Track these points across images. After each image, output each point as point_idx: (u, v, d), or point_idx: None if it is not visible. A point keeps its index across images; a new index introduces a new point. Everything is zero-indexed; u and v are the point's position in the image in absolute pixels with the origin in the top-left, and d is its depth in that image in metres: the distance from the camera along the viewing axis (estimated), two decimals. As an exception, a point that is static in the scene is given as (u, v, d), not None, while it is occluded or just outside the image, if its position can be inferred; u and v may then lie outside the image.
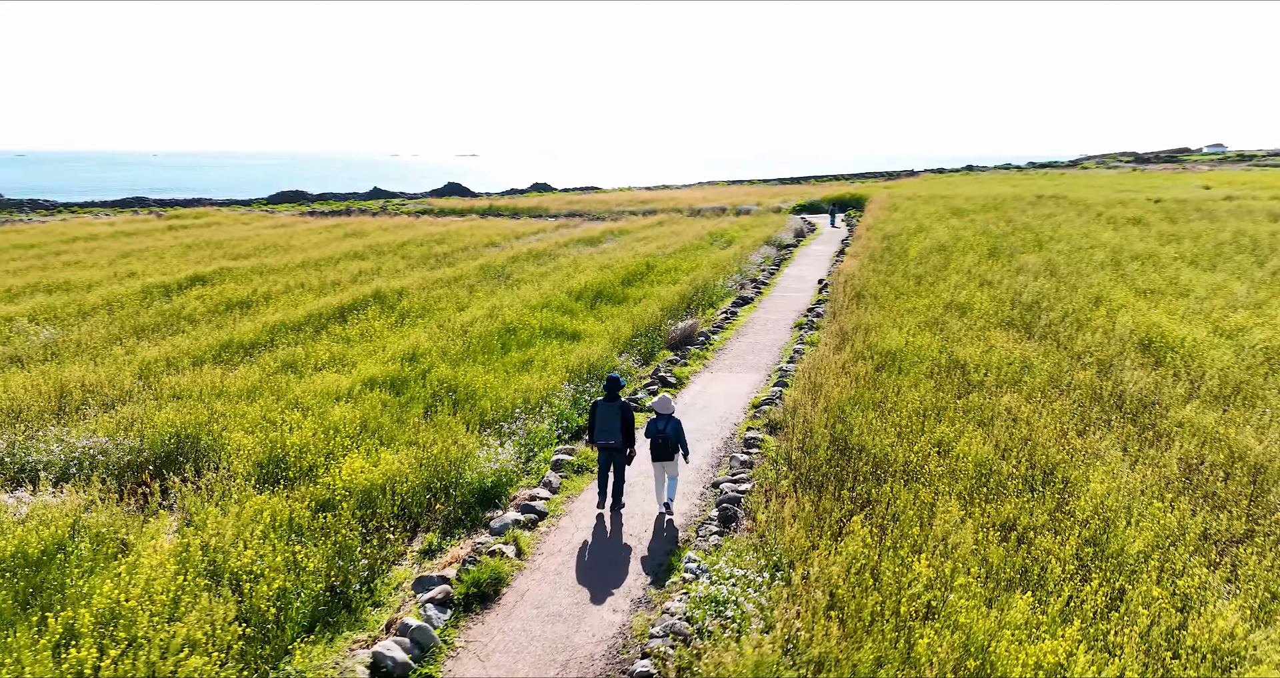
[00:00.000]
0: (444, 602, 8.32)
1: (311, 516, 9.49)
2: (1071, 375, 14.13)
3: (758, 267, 32.39)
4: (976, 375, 14.11)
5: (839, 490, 9.77)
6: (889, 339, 16.29)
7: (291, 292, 24.63)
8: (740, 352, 19.36)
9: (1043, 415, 12.20)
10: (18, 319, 21.21)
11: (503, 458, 11.51)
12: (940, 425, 11.72)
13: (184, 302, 23.52)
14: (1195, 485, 9.98)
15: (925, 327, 17.88)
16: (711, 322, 22.60)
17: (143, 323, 20.92)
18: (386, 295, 23.26)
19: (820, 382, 13.59)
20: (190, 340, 18.43)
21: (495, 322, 19.40)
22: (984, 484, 9.95)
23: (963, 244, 30.44)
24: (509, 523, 10.07)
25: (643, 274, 28.19)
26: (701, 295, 25.45)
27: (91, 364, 16.70)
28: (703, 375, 17.34)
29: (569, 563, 9.43)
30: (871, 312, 19.51)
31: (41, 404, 13.85)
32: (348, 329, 19.62)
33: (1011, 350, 15.59)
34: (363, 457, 11.08)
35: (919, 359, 15.20)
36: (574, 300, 22.84)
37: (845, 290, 22.35)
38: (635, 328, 19.64)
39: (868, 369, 14.59)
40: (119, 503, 10.63)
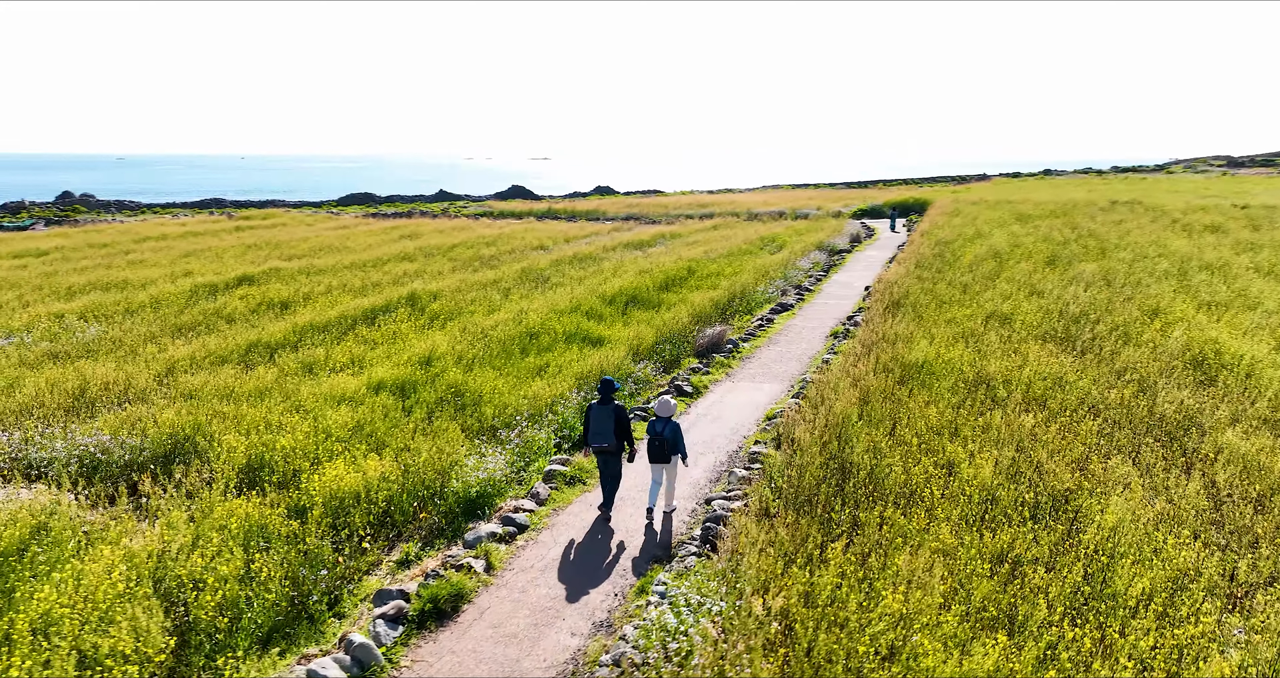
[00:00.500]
0: (396, 618, 8.07)
1: (284, 522, 9.36)
2: (1108, 394, 13.19)
3: (805, 272, 31.62)
4: (1003, 391, 13.29)
5: (827, 513, 9.20)
6: (916, 351, 15.52)
7: (331, 293, 24.93)
8: (768, 360, 18.77)
9: (1066, 437, 11.38)
10: (68, 316, 21.95)
11: (491, 467, 11.25)
12: (953, 445, 11.01)
13: (227, 301, 24.00)
14: (1224, 519, 9.11)
15: (961, 338, 17.01)
16: (744, 329, 22.03)
17: (183, 321, 21.40)
18: (420, 297, 23.35)
19: (825, 395, 12.97)
20: (220, 340, 18.72)
21: (519, 326, 19.23)
22: (988, 511, 9.26)
23: (1020, 251, 29.14)
24: (483, 536, 9.78)
25: (683, 279, 27.75)
26: (739, 301, 24.90)
27: (120, 362, 17.09)
28: (723, 385, 16.83)
29: (539, 580, 9.10)
30: (905, 322, 18.70)
31: (61, 401, 14.18)
32: (375, 331, 19.69)
33: (1047, 365, 14.67)
34: (346, 463, 10.95)
35: (946, 373, 14.42)
36: (605, 305, 22.55)
37: (883, 299, 21.52)
38: (660, 334, 19.24)
39: (886, 383, 13.88)
40: (108, 504, 10.76)
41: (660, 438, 10.38)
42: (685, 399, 15.71)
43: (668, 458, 10.51)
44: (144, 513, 10.41)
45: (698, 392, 16.15)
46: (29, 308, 23.20)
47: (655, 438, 10.40)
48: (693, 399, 15.77)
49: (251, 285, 26.76)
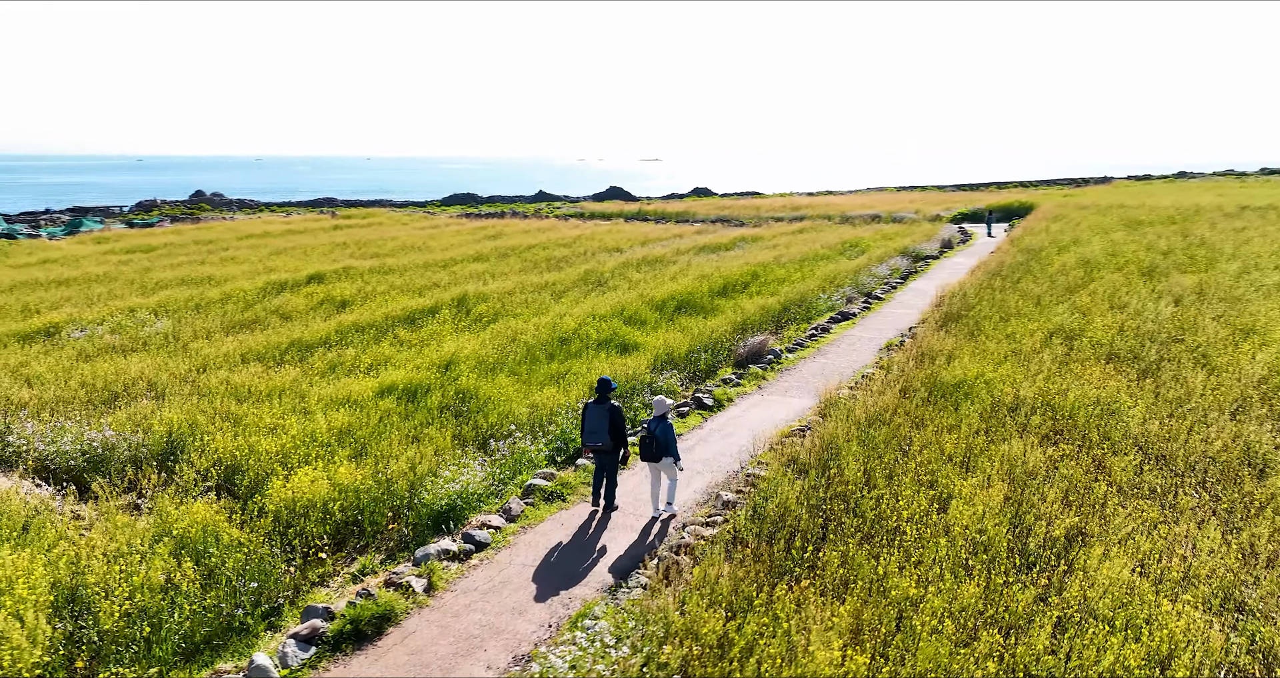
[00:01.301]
0: (310, 638, 7.78)
1: (230, 529, 9.26)
2: (1160, 424, 11.75)
3: (881, 279, 30.18)
4: (1036, 418, 12.02)
5: (787, 549, 8.40)
6: (955, 369, 14.33)
7: (390, 292, 25.27)
8: (808, 373, 17.80)
9: (1093, 472, 10.14)
10: (141, 310, 22.99)
11: (465, 480, 10.90)
12: (961, 476, 9.97)
13: (291, 299, 24.66)
14: (1257, 583, 7.82)
15: (1013, 356, 15.66)
16: (792, 338, 21.06)
17: (242, 318, 22.06)
18: (469, 299, 23.38)
19: (836, 415, 12.04)
20: (267, 337, 19.15)
21: (556, 330, 18.92)
22: (972, 556, 8.26)
23: (1115, 261, 26.89)
24: (432, 554, 9.42)
25: (745, 284, 26.89)
26: (797, 309, 23.88)
27: (168, 356, 17.67)
28: (751, 398, 16.01)
29: (477, 604, 8.66)
30: (957, 336, 17.41)
31: (92, 395, 14.71)
32: (415, 332, 19.77)
33: (1100, 389, 13.25)
34: (319, 470, 10.81)
35: (982, 394, 13.21)
36: (652, 310, 21.99)
37: (943, 310, 20.16)
38: (697, 342, 18.54)
39: (909, 403, 12.83)
40: (111, 497, 10.97)
41: (651, 437, 10.28)
42: (704, 412, 15.00)
43: (657, 457, 10.37)
44: (136, 510, 10.61)
45: (719, 405, 15.40)
46: (111, 301, 24.48)
47: (647, 436, 10.33)
48: (712, 413, 15.04)
49: (320, 283, 27.48)
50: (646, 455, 10.45)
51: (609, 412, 10.53)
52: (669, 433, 10.36)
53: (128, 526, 9.06)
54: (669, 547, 9.56)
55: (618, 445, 10.66)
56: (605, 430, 10.50)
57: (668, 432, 10.36)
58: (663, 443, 10.32)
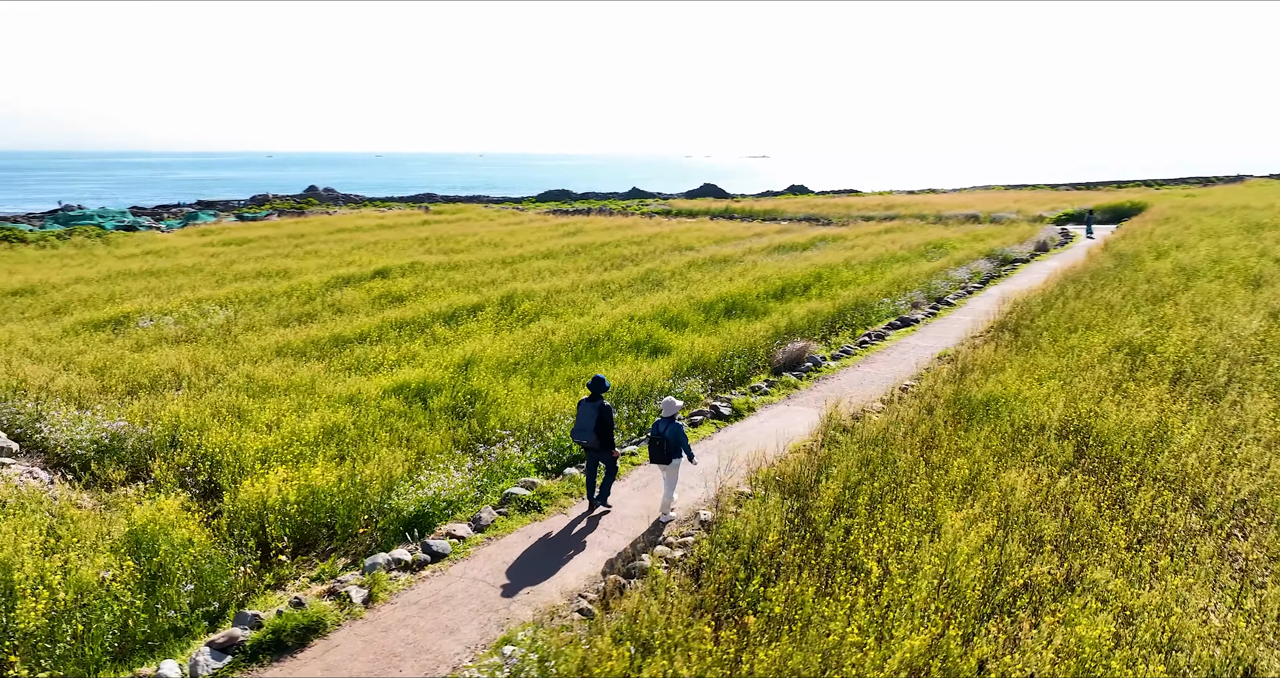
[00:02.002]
0: (225, 647, 7.64)
1: (183, 528, 9.26)
2: (1206, 456, 10.44)
3: (957, 284, 28.58)
4: (1065, 444, 10.88)
5: (732, 583, 7.76)
6: (991, 384, 13.22)
7: (445, 289, 25.46)
8: (845, 383, 16.84)
9: (1109, 511, 9.04)
10: (209, 302, 23.88)
11: (439, 486, 10.66)
12: (954, 508, 9.06)
13: (354, 293, 25.17)
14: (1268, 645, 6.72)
15: (1068, 371, 14.36)
16: (840, 345, 20.05)
17: (301, 311, 22.60)
18: (517, 297, 23.30)
19: (828, 432, 11.21)
20: (311, 331, 19.50)
21: (585, 331, 18.57)
22: (939, 599, 7.42)
23: (1218, 268, 24.59)
24: (380, 563, 9.19)
25: (806, 286, 25.90)
26: (855, 313, 22.79)
27: (217, 348, 18.22)
28: (775, 408, 15.24)
29: (411, 619, 8.36)
30: (1010, 348, 16.15)
31: (128, 385, 15.23)
32: (453, 330, 19.78)
33: (1151, 411, 11.92)
34: (294, 469, 10.76)
35: (1014, 413, 12.11)
36: (697, 312, 21.36)
37: (1001, 319, 18.79)
38: (729, 347, 17.83)
39: (930, 422, 11.86)
40: (114, 488, 11.25)
41: (661, 438, 10.13)
42: (719, 422, 14.34)
43: (668, 459, 10.24)
44: (138, 499, 10.83)
45: (738, 415, 14.70)
46: (185, 292, 25.54)
47: (656, 438, 10.17)
48: (728, 423, 14.36)
49: (384, 278, 27.96)
50: (656, 457, 10.32)
51: (597, 410, 10.46)
52: (679, 433, 10.20)
53: (92, 518, 9.19)
54: (625, 569, 9.03)
55: (604, 445, 10.58)
56: (592, 428, 10.44)
57: (678, 432, 10.20)
58: (674, 444, 10.17)
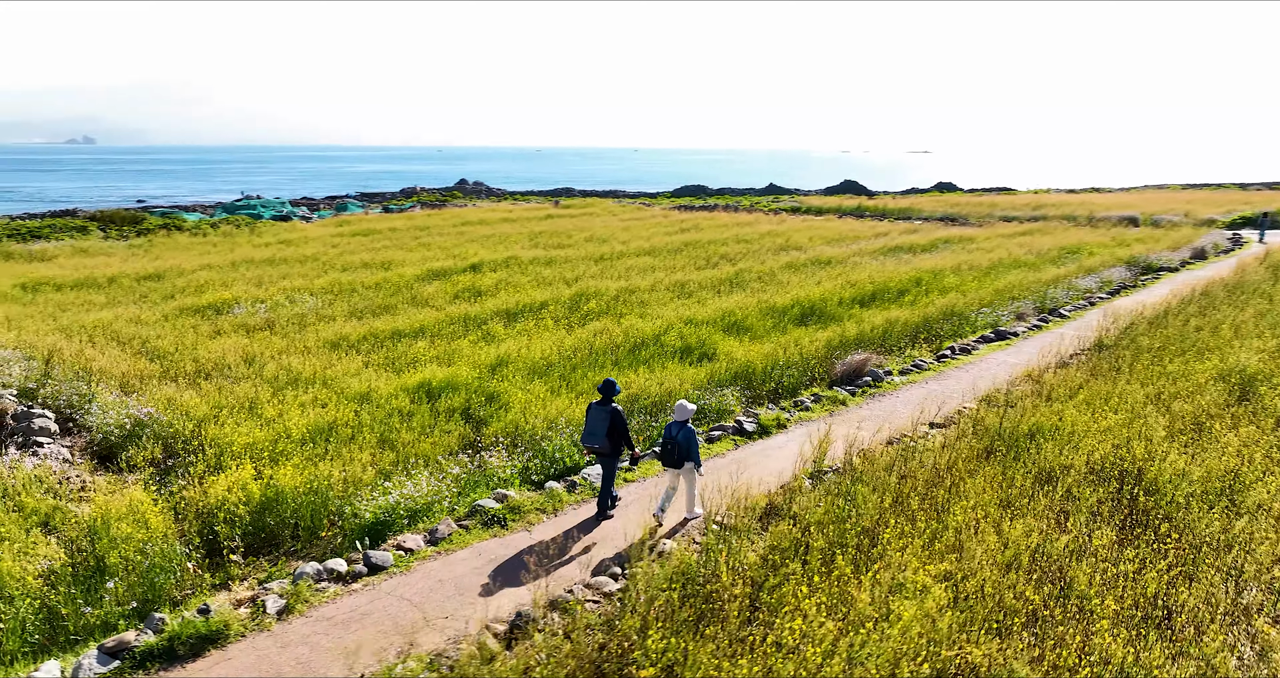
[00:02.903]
0: (115, 652, 7.54)
1: (161, 521, 9.34)
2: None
3: (1080, 293, 25.86)
4: (1098, 490, 9.28)
5: (622, 643, 6.93)
6: (1047, 414, 11.59)
7: (525, 285, 25.37)
8: (900, 402, 15.36)
9: (1118, 587, 7.53)
10: (302, 292, 24.85)
11: (405, 493, 10.33)
12: (922, 566, 7.83)
13: (438, 287, 25.57)
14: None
15: (1146, 403, 12.44)
16: (914, 358, 18.40)
17: (382, 302, 23.11)
18: (587, 296, 22.89)
19: (818, 461, 10.03)
20: (374, 323, 19.85)
21: (631, 334, 17.90)
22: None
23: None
24: (309, 573, 8.92)
25: (902, 292, 24.13)
26: (945, 324, 20.98)
27: (284, 337, 18.83)
28: (810, 427, 14.00)
29: (320, 636, 8.01)
30: (1096, 372, 14.23)
31: (195, 369, 15.86)
32: (510, 328, 19.59)
33: (1231, 458, 10.04)
34: (263, 467, 10.72)
35: (1055, 450, 10.51)
36: (765, 317, 20.23)
37: (1099, 337, 16.65)
38: (780, 357, 16.67)
39: (958, 454, 10.47)
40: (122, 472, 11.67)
41: (672, 442, 10.04)
42: (739, 439, 13.33)
43: (679, 463, 10.13)
44: (148, 483, 11.19)
45: (763, 432, 13.62)
46: (287, 281, 26.73)
47: (668, 441, 10.10)
48: (750, 440, 13.32)
49: (475, 273, 28.30)
50: (667, 461, 10.21)
51: (609, 414, 10.22)
52: (691, 438, 10.07)
53: (48, 504, 9.44)
54: (548, 601, 8.35)
55: (616, 449, 10.35)
56: (603, 433, 10.23)
57: (689, 436, 10.07)
58: (684, 448, 10.04)
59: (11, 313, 22.14)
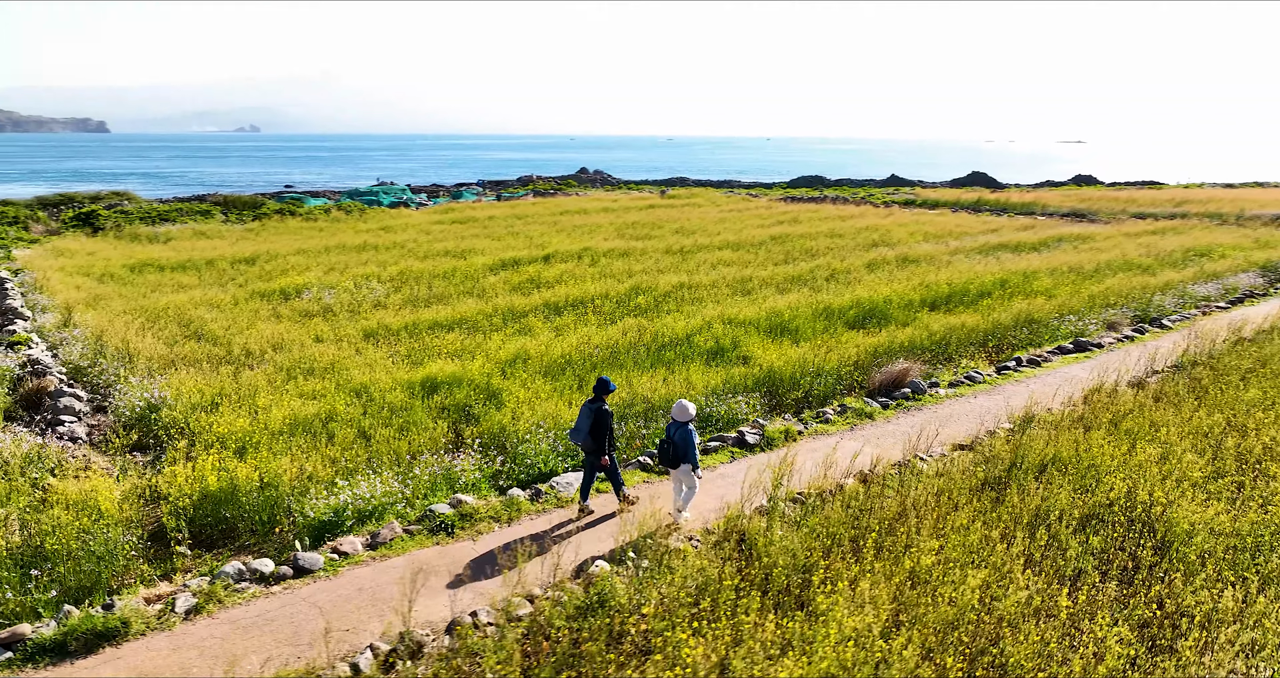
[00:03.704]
0: (9, 643, 7.53)
1: (117, 508, 9.48)
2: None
3: (1194, 301, 23.22)
4: (1071, 541, 7.98)
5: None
6: (1067, 444, 10.20)
7: (586, 278, 24.96)
8: (933, 419, 13.97)
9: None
10: (373, 279, 25.36)
11: (353, 494, 10.09)
12: (856, 611, 6.88)
13: (505, 277, 25.59)
14: None
15: (1200, 436, 10.79)
16: (970, 369, 16.85)
17: (440, 292, 23.29)
18: (641, 290, 22.29)
19: (781, 485, 9.06)
20: (424, 313, 19.94)
21: (660, 334, 17.18)
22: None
23: None
24: (230, 572, 8.77)
25: (983, 293, 22.33)
26: (1016, 331, 19.20)
27: (329, 323, 19.20)
28: (824, 441, 12.92)
29: (215, 641, 7.80)
30: (1161, 394, 12.53)
31: (239, 355, 16.32)
32: (550, 321, 19.24)
33: (1275, 514, 8.47)
34: (228, 459, 10.71)
35: (1062, 482, 9.19)
36: (817, 319, 19.03)
37: (1181, 355, 14.71)
38: (812, 363, 15.57)
39: (949, 487, 9.32)
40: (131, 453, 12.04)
41: (669, 442, 9.92)
42: (739, 452, 12.44)
43: (675, 463, 9.97)
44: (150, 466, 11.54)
45: (767, 445, 12.67)
46: (363, 268, 27.37)
47: (665, 442, 9.98)
48: (750, 453, 12.39)
49: (546, 263, 28.15)
50: (664, 460, 10.08)
51: (593, 413, 10.12)
52: (688, 439, 9.85)
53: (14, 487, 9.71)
54: (446, 624, 7.86)
55: (599, 448, 10.20)
56: (587, 430, 10.14)
57: (687, 437, 9.86)
58: (681, 448, 9.86)
59: (106, 292, 23.58)
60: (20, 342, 17.31)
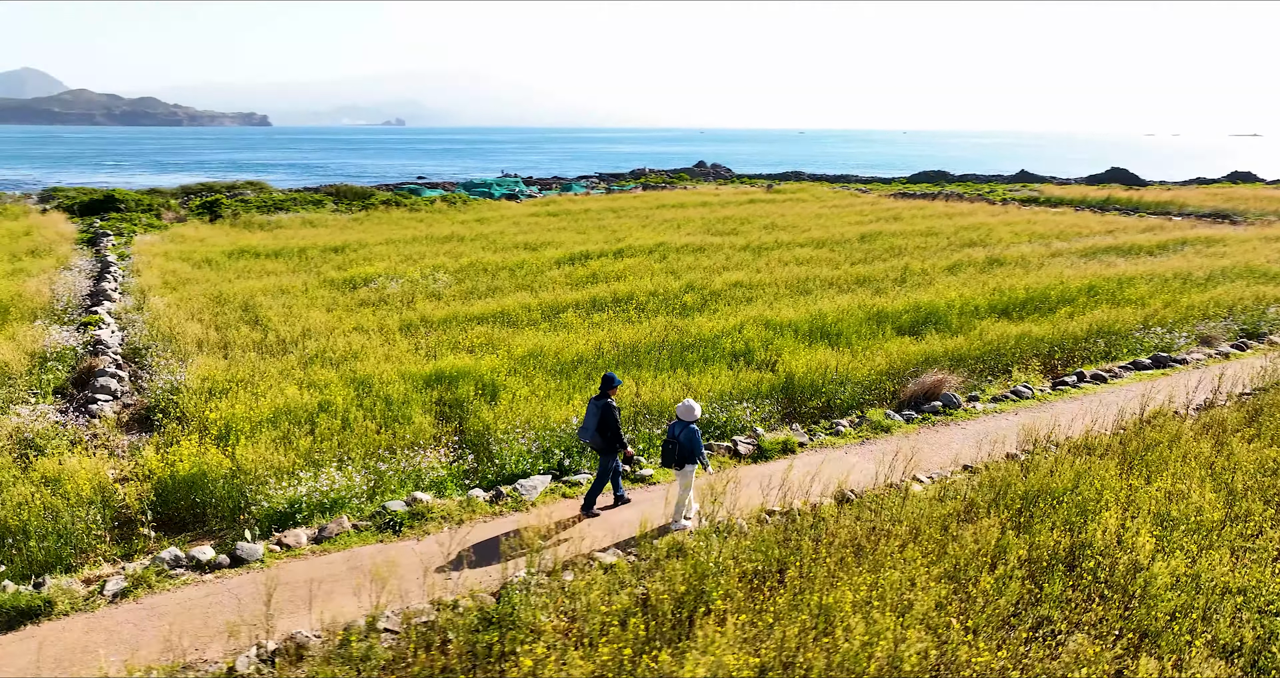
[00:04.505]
0: (-68, 616, 7.93)
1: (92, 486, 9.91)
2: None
3: (1317, 315, 20.61)
4: (1011, 585, 6.99)
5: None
6: (1064, 475, 9.09)
7: (643, 275, 24.53)
8: (956, 437, 12.86)
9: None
10: (440, 271, 25.76)
11: (314, 487, 10.13)
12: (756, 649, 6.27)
13: (566, 272, 25.52)
14: None
15: (1232, 470, 9.42)
16: (1019, 383, 15.44)
17: (492, 286, 23.42)
18: (694, 288, 21.71)
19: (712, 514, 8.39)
20: (463, 306, 20.10)
21: (686, 335, 16.60)
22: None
23: None
24: (166, 559, 8.91)
25: (1066, 300, 20.57)
26: (1088, 343, 17.56)
27: (371, 313, 19.61)
28: (826, 455, 12.07)
29: (125, 626, 7.91)
30: (1214, 421, 11.08)
31: (277, 344, 16.92)
32: (586, 318, 18.96)
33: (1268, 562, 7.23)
34: (189, 447, 10.96)
35: (1050, 526, 8.16)
36: (866, 323, 17.94)
37: (1262, 378, 12.98)
38: (834, 371, 14.64)
39: (929, 511, 8.45)
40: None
41: (674, 441, 9.78)
42: (726, 461, 11.81)
43: (680, 464, 9.83)
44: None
45: (760, 456, 11.95)
46: (435, 258, 27.90)
47: (670, 441, 9.86)
48: (738, 464, 11.75)
49: (616, 259, 27.87)
50: (668, 461, 9.93)
51: (600, 409, 10.05)
52: (693, 437, 9.70)
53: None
54: (339, 628, 7.69)
55: (609, 446, 10.10)
56: (594, 428, 10.07)
57: (692, 436, 9.70)
58: (687, 448, 9.71)
59: (194, 277, 25.00)
60: (92, 322, 18.49)
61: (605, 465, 10.25)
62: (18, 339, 16.08)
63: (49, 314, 19.37)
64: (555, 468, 11.48)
